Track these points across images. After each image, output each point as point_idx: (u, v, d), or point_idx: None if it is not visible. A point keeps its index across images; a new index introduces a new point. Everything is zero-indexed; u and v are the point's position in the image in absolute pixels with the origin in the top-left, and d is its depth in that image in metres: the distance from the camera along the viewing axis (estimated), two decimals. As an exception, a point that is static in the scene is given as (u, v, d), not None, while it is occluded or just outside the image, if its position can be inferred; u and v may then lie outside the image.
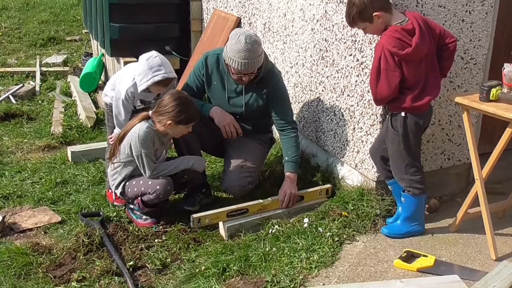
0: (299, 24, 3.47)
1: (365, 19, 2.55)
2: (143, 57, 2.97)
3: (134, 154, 2.87)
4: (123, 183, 2.98)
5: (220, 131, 3.13)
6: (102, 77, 5.42)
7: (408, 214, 2.76)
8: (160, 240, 2.83)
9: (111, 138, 3.14)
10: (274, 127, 3.34)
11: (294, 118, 3.30)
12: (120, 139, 2.90)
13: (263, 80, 3.04)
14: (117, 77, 3.24)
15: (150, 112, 2.88)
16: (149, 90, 3.01)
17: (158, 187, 2.85)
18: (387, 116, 2.76)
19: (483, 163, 2.65)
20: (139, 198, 2.92)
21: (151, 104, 3.13)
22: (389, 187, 2.88)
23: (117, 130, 3.07)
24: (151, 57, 2.94)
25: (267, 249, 2.64)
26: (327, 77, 3.26)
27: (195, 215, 2.86)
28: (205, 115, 3.07)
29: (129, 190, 2.95)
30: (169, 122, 2.79)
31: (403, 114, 2.62)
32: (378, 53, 2.54)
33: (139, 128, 2.84)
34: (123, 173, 2.98)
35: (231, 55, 2.88)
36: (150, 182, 2.87)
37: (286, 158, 3.05)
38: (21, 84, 5.45)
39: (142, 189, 2.89)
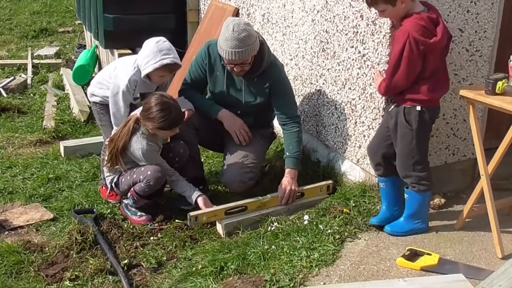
0: (299, 15, 3.42)
1: (389, 1, 2.48)
2: (152, 40, 2.93)
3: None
4: (117, 175, 2.95)
5: (219, 126, 3.07)
6: (96, 70, 5.35)
7: (412, 211, 2.71)
8: (155, 238, 2.79)
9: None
10: (275, 122, 3.29)
11: (295, 112, 3.23)
12: (121, 152, 2.85)
13: (265, 73, 2.99)
14: (105, 74, 3.14)
15: (138, 113, 2.85)
16: (149, 79, 2.95)
17: (149, 172, 2.82)
18: (397, 109, 2.64)
19: (489, 159, 2.61)
20: (132, 189, 2.88)
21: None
22: (380, 184, 2.79)
23: (115, 130, 3.01)
24: (161, 40, 2.92)
25: (266, 247, 2.60)
26: (328, 69, 3.22)
27: (192, 213, 2.81)
28: (211, 117, 3.04)
29: (122, 180, 2.93)
30: (151, 127, 2.81)
31: (418, 108, 2.56)
32: (402, 40, 2.46)
33: (140, 145, 2.84)
34: (118, 169, 2.94)
35: (221, 44, 2.85)
36: (142, 169, 2.85)
37: (287, 154, 3.00)
38: (12, 77, 5.41)
39: (134, 176, 2.87)
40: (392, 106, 2.68)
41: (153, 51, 2.86)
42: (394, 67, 2.50)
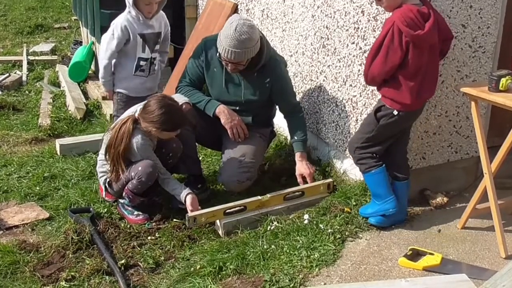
0: (299, 11, 3.39)
1: None
2: None
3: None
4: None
5: (217, 124, 3.04)
6: (92, 67, 5.31)
7: (372, 192, 2.72)
8: (153, 238, 2.76)
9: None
10: (275, 120, 3.26)
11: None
12: (122, 156, 2.82)
13: (265, 68, 2.96)
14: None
15: (137, 114, 2.83)
16: (142, 14, 3.21)
17: (140, 168, 2.80)
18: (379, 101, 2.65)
19: (492, 157, 2.59)
20: (126, 187, 2.85)
21: (153, 57, 3.34)
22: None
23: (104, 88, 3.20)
24: None
25: (265, 247, 2.57)
26: (329, 66, 3.18)
27: (190, 214, 2.78)
28: (209, 113, 3.02)
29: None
30: (154, 129, 2.80)
31: (395, 112, 2.54)
32: (386, 28, 2.45)
33: (135, 140, 2.82)
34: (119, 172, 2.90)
35: (221, 39, 2.83)
36: (133, 166, 2.82)
37: (295, 138, 3.05)
38: (7, 74, 5.38)
39: (126, 174, 2.83)
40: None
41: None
42: (373, 55, 2.48)
